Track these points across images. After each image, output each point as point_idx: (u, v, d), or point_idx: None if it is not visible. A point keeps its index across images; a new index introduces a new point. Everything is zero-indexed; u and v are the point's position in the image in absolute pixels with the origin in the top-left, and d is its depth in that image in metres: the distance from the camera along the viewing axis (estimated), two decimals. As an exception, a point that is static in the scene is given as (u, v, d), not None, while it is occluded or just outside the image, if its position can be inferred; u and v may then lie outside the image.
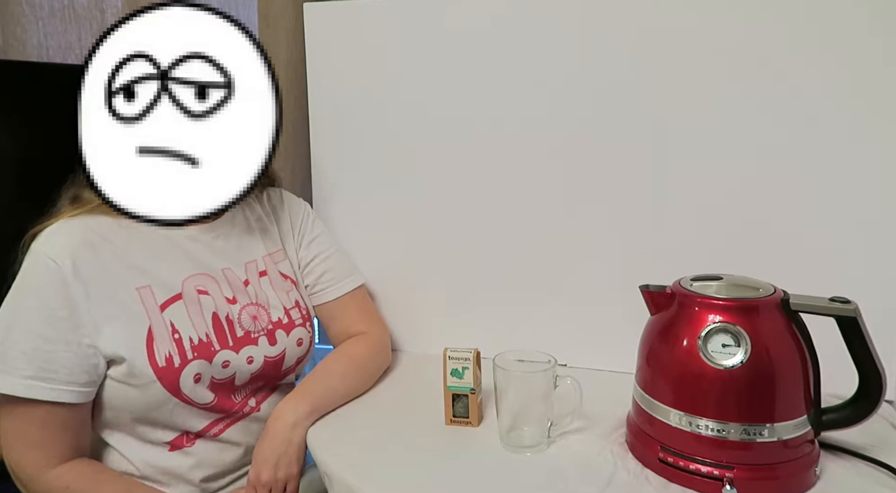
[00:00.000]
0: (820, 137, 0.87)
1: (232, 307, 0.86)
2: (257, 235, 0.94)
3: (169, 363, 0.78)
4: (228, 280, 0.87)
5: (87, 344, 0.75)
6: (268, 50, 1.08)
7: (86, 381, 0.76)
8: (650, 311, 0.77)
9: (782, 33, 0.86)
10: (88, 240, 0.78)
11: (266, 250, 0.94)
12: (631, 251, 0.96)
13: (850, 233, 0.88)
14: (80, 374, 0.75)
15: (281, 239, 0.97)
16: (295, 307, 0.94)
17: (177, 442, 0.83)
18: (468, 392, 0.81)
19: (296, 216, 1.00)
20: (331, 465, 0.75)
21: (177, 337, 0.80)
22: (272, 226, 0.97)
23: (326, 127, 1.08)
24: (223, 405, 0.85)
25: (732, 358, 0.67)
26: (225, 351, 0.83)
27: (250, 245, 0.92)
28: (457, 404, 0.82)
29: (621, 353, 0.83)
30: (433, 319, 1.07)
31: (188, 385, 0.80)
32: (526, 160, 0.99)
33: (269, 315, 0.90)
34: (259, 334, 0.88)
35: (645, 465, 0.73)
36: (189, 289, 0.83)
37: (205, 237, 0.88)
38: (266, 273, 0.93)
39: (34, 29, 1.65)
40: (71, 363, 0.74)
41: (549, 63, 0.95)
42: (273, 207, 0.98)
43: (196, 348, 0.81)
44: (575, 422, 0.79)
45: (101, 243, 0.78)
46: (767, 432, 0.66)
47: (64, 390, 0.74)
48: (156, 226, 0.82)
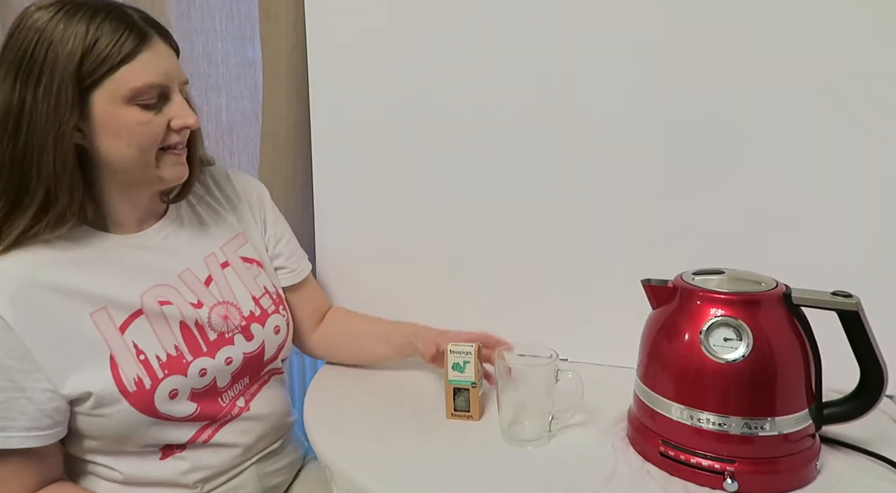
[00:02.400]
0: (823, 132, 0.86)
1: (199, 311, 0.82)
2: (209, 225, 0.89)
3: (139, 386, 0.75)
4: (188, 284, 0.83)
5: (42, 389, 0.70)
6: (269, 43, 1.09)
7: (49, 424, 0.72)
8: (652, 305, 0.77)
9: (786, 29, 0.85)
10: (29, 278, 0.72)
11: (224, 239, 0.90)
12: (633, 246, 0.96)
13: (853, 227, 0.87)
14: (41, 419, 0.71)
15: (238, 221, 0.92)
16: (265, 294, 0.90)
17: (167, 451, 0.80)
18: (469, 386, 0.82)
19: (251, 196, 0.96)
20: (332, 458, 0.75)
21: (142, 358, 0.76)
22: (225, 211, 0.92)
23: (328, 121, 1.08)
24: (208, 412, 0.81)
25: (734, 352, 0.67)
26: (200, 359, 0.80)
27: (204, 238, 0.88)
28: (458, 397, 0.82)
29: (623, 347, 0.83)
30: (433, 313, 1.07)
31: (164, 404, 0.76)
32: (528, 154, 0.98)
33: (240, 311, 0.86)
34: (233, 332, 0.84)
35: (646, 459, 0.73)
36: (150, 302, 0.79)
37: (154, 241, 0.83)
38: (228, 263, 0.88)
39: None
40: (30, 410, 0.70)
41: (552, 56, 0.95)
42: (221, 190, 0.93)
43: (165, 366, 0.77)
44: (576, 416, 0.79)
45: (42, 278, 0.73)
46: (768, 426, 0.66)
47: (25, 436, 0.70)
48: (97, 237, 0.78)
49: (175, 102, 0.76)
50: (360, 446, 0.78)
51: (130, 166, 0.76)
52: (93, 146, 0.74)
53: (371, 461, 0.74)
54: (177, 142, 0.77)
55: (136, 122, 0.73)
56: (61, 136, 0.70)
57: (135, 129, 0.73)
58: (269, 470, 0.91)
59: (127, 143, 0.74)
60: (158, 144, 0.76)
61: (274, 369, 0.93)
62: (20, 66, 0.69)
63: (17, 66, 0.70)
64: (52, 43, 0.69)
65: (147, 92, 0.73)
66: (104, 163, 0.75)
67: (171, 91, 0.76)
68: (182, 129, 0.77)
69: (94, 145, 0.74)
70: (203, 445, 0.82)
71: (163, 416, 0.77)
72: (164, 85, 0.74)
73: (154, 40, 0.74)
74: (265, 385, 0.90)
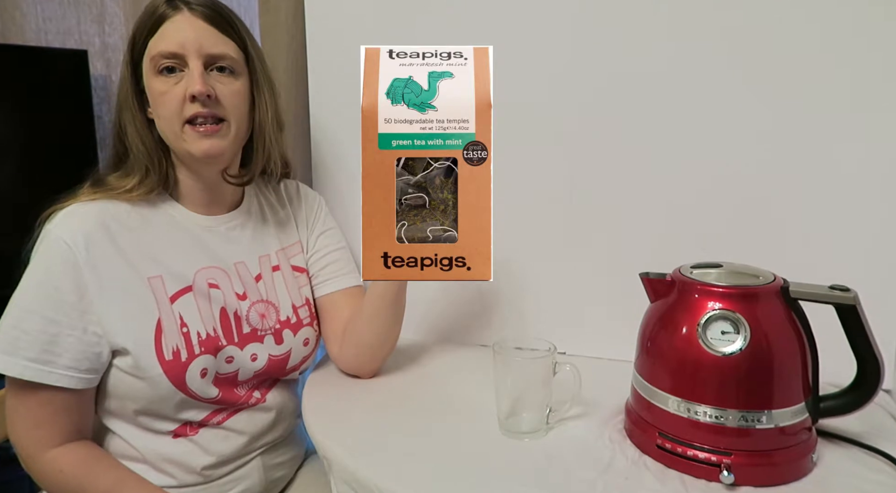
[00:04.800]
0: (820, 127, 0.86)
1: (241, 303, 0.85)
2: (272, 228, 0.93)
3: (176, 357, 0.78)
4: (240, 275, 0.87)
5: (92, 331, 0.74)
6: (267, 34, 1.09)
7: (87, 368, 0.75)
8: (650, 298, 0.77)
9: (785, 25, 0.85)
10: (104, 224, 0.76)
11: (280, 245, 0.93)
12: (631, 239, 0.96)
13: (850, 222, 0.88)
14: (82, 360, 0.74)
15: (297, 230, 0.97)
16: (304, 305, 0.93)
17: (180, 431, 0.82)
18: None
19: (310, 208, 0.99)
20: (330, 448, 0.76)
21: (185, 331, 0.79)
22: (288, 217, 0.96)
23: (327, 114, 1.08)
24: (227, 399, 0.84)
25: (731, 345, 0.67)
26: (230, 347, 0.83)
27: (265, 238, 0.92)
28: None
29: (621, 341, 0.83)
30: (430, 307, 1.07)
31: (195, 380, 0.79)
32: (525, 148, 0.98)
33: (278, 314, 0.89)
34: (266, 332, 0.87)
35: (643, 451, 0.73)
36: (200, 281, 0.82)
37: (221, 228, 0.87)
38: (279, 268, 0.92)
39: (33, 13, 1.65)
40: (74, 349, 0.74)
41: (548, 50, 0.95)
42: (290, 198, 0.98)
43: (203, 343, 0.80)
44: (574, 409, 0.79)
45: (116, 229, 0.77)
46: (765, 418, 0.67)
47: (64, 375, 0.74)
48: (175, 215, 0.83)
49: (190, 72, 0.77)
50: (358, 437, 0.78)
51: (167, 139, 0.80)
52: (154, 119, 0.81)
53: (369, 452, 0.75)
54: (193, 114, 0.77)
55: (158, 91, 0.78)
56: (128, 108, 0.79)
57: (158, 98, 0.78)
58: (273, 462, 0.92)
59: (158, 113, 0.79)
60: (179, 114, 0.77)
61: (293, 378, 0.96)
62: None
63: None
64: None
65: (161, 61, 0.77)
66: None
67: (189, 60, 0.77)
68: (189, 96, 0.77)
69: (154, 118, 0.81)
70: (216, 426, 0.84)
71: (190, 393, 0.79)
72: (177, 53, 0.77)
73: (182, 12, 0.78)
74: (281, 382, 0.93)
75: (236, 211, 0.89)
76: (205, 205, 0.86)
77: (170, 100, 0.77)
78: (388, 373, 0.96)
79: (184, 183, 0.84)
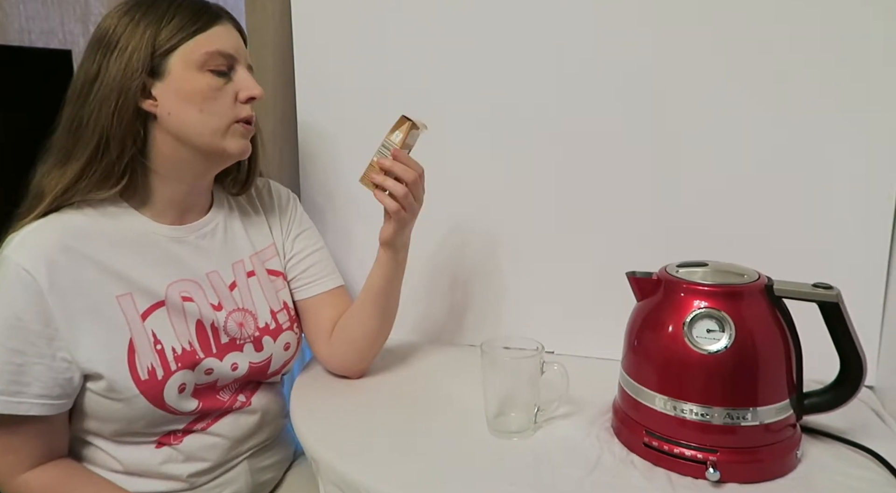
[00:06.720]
0: (806, 128, 0.87)
1: (217, 314, 0.83)
2: (244, 233, 0.91)
3: (152, 376, 0.76)
4: (213, 285, 0.84)
5: (61, 358, 0.72)
6: (254, 33, 1.09)
7: (59, 394, 0.73)
8: (636, 297, 0.77)
9: (781, 28, 0.86)
10: (65, 245, 0.73)
11: (254, 249, 0.91)
12: (618, 238, 0.96)
13: (834, 221, 0.89)
14: (53, 387, 0.72)
15: (271, 233, 0.94)
16: (283, 309, 0.91)
17: (164, 440, 0.80)
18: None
19: (283, 208, 0.97)
20: (318, 449, 0.75)
21: (159, 348, 0.77)
22: (261, 219, 0.94)
23: (314, 111, 1.07)
24: (210, 407, 0.83)
25: (717, 343, 0.68)
26: (209, 359, 0.81)
27: (237, 244, 0.89)
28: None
29: (608, 340, 0.84)
30: (417, 306, 1.07)
31: (172, 397, 0.77)
32: (517, 148, 0.98)
33: (256, 321, 0.87)
34: (245, 340, 0.85)
35: (630, 449, 0.74)
36: (173, 295, 0.80)
37: (190, 237, 0.84)
38: (254, 273, 0.90)
39: (16, 13, 1.62)
40: (45, 377, 0.71)
41: (545, 48, 0.95)
42: (260, 198, 0.96)
43: (179, 358, 0.78)
44: (561, 408, 0.79)
45: (78, 248, 0.74)
46: (750, 416, 0.67)
47: (35, 403, 0.71)
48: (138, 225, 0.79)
49: (242, 75, 0.80)
50: (346, 438, 0.78)
51: (197, 135, 0.78)
52: (165, 114, 0.76)
53: (357, 453, 0.74)
54: (247, 116, 0.80)
55: (208, 86, 0.77)
56: (125, 91, 0.74)
57: (207, 93, 0.77)
58: (260, 466, 0.91)
59: (199, 108, 0.77)
60: (228, 112, 0.78)
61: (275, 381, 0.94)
62: (101, 42, 0.75)
63: (98, 43, 0.75)
64: (132, 19, 0.75)
65: (217, 58, 0.77)
66: (172, 132, 0.77)
67: (239, 65, 0.80)
68: (249, 99, 0.80)
69: (166, 112, 0.76)
70: (200, 432, 0.83)
71: (168, 409, 0.78)
72: (233, 56, 0.79)
73: (225, 22, 0.80)
74: (265, 384, 0.92)
75: (205, 218, 0.87)
76: (177, 214, 0.83)
77: (222, 97, 0.78)
78: (376, 373, 0.96)
79: (161, 195, 0.81)
